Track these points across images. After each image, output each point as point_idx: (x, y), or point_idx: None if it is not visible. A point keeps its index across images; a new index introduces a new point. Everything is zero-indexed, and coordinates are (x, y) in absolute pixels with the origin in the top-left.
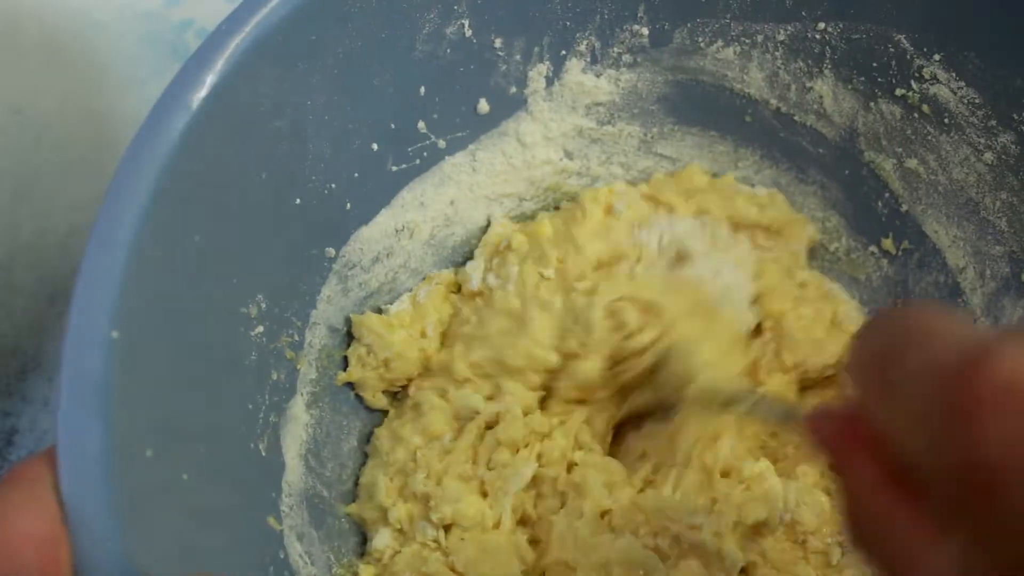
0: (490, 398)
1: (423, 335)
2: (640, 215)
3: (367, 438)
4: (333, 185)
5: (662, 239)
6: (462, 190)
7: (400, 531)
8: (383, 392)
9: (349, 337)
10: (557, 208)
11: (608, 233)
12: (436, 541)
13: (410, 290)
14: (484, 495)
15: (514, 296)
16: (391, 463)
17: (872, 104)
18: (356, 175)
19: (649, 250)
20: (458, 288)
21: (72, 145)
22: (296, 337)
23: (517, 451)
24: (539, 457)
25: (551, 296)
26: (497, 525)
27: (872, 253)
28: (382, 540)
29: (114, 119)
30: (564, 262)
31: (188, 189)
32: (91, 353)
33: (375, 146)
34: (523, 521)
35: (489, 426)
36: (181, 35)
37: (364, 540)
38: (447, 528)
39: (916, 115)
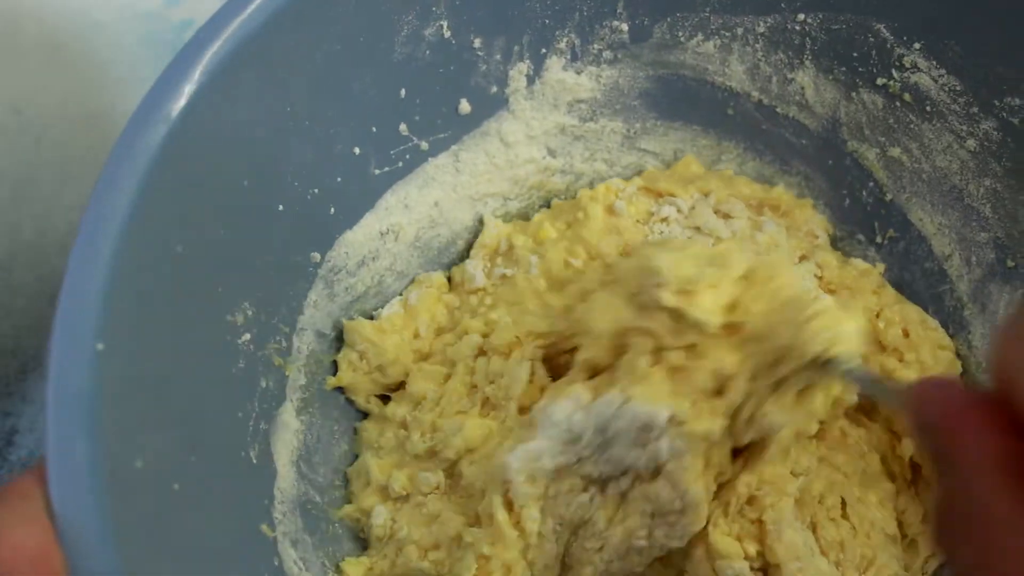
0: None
1: (416, 336)
2: (642, 211)
3: None
4: (316, 190)
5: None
6: (446, 191)
7: (399, 498)
8: (375, 396)
9: (337, 342)
10: (546, 207)
11: (618, 234)
12: (438, 487)
13: (397, 293)
14: (486, 416)
15: (539, 278)
16: (381, 446)
17: (854, 94)
18: (339, 179)
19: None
20: (449, 290)
21: (72, 145)
22: (284, 343)
23: (509, 355)
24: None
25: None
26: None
27: (859, 241)
28: (379, 518)
29: (114, 119)
30: (590, 260)
31: (169, 200)
32: (76, 366)
33: (357, 150)
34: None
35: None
36: (181, 35)
37: (358, 545)
38: (454, 464)
39: (898, 104)
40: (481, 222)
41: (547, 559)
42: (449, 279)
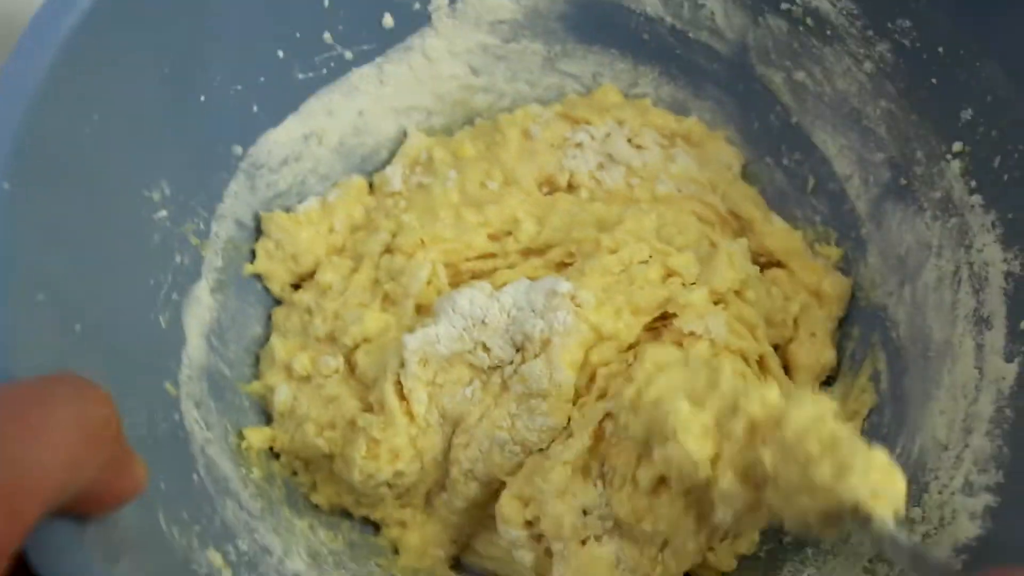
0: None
1: (331, 231)
2: (557, 135)
3: None
4: (239, 87)
5: (590, 162)
6: (370, 101)
7: (301, 379)
8: (290, 285)
9: (257, 232)
10: (470, 124)
11: (533, 157)
12: (337, 370)
13: (319, 194)
14: (386, 311)
15: (454, 191)
16: (288, 329)
17: (760, 19)
18: (262, 79)
19: (580, 175)
20: (369, 193)
21: None
22: (202, 226)
23: (412, 256)
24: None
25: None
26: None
27: (767, 164)
28: (281, 395)
29: None
30: (505, 185)
31: (90, 67)
32: None
33: (281, 53)
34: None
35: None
36: None
37: (262, 419)
38: (352, 351)
39: (801, 28)
40: (405, 134)
41: (434, 452)
42: (371, 185)
